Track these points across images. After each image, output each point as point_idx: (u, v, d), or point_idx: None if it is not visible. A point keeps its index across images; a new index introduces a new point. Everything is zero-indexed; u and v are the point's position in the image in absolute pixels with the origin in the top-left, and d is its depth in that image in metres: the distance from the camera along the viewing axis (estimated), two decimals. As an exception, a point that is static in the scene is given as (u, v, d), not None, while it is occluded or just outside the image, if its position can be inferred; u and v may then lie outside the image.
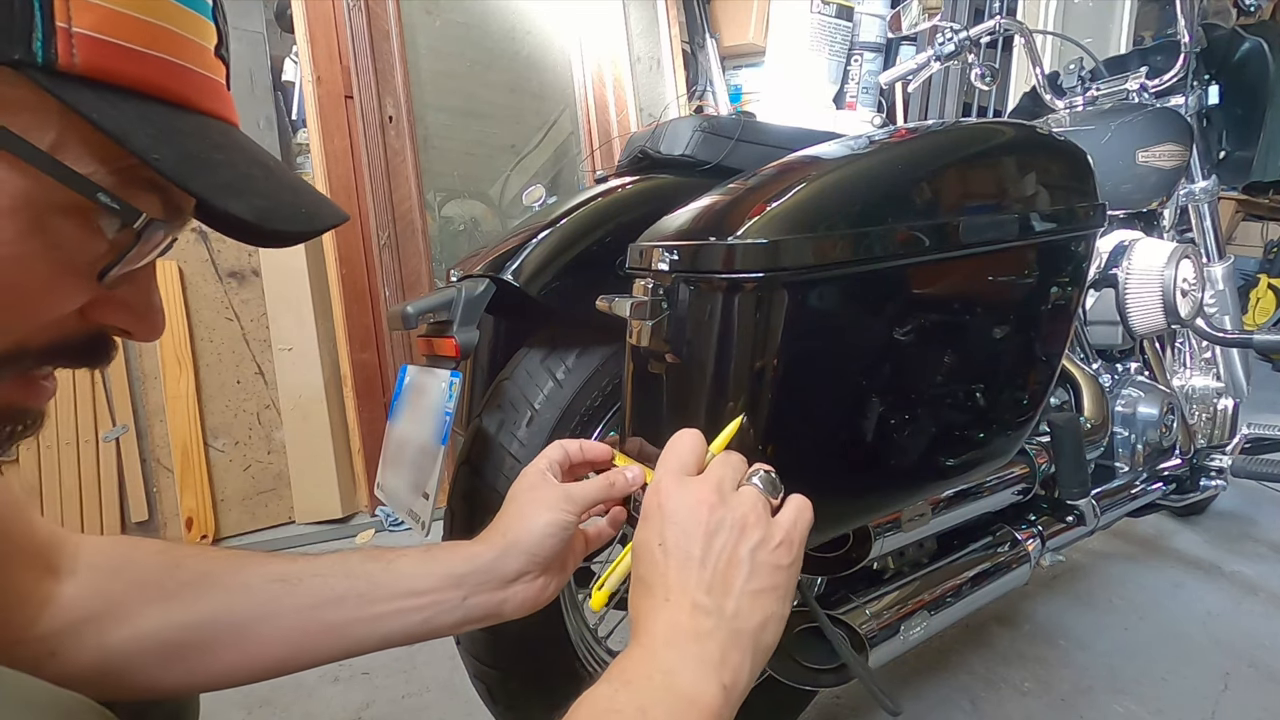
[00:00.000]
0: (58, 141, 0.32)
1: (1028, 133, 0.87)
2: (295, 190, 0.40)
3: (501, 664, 0.82)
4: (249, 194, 0.36)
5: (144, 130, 0.33)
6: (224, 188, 0.35)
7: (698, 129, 0.89)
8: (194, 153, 0.34)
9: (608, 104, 2.42)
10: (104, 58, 0.31)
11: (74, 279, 0.36)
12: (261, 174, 0.38)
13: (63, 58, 0.30)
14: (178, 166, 0.33)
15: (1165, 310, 1.23)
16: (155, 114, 0.34)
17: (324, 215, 0.41)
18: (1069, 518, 1.11)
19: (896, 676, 1.25)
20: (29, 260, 0.34)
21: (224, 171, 0.35)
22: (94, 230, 0.35)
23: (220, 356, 1.90)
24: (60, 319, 0.37)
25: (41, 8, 0.30)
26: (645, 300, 0.66)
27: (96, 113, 0.31)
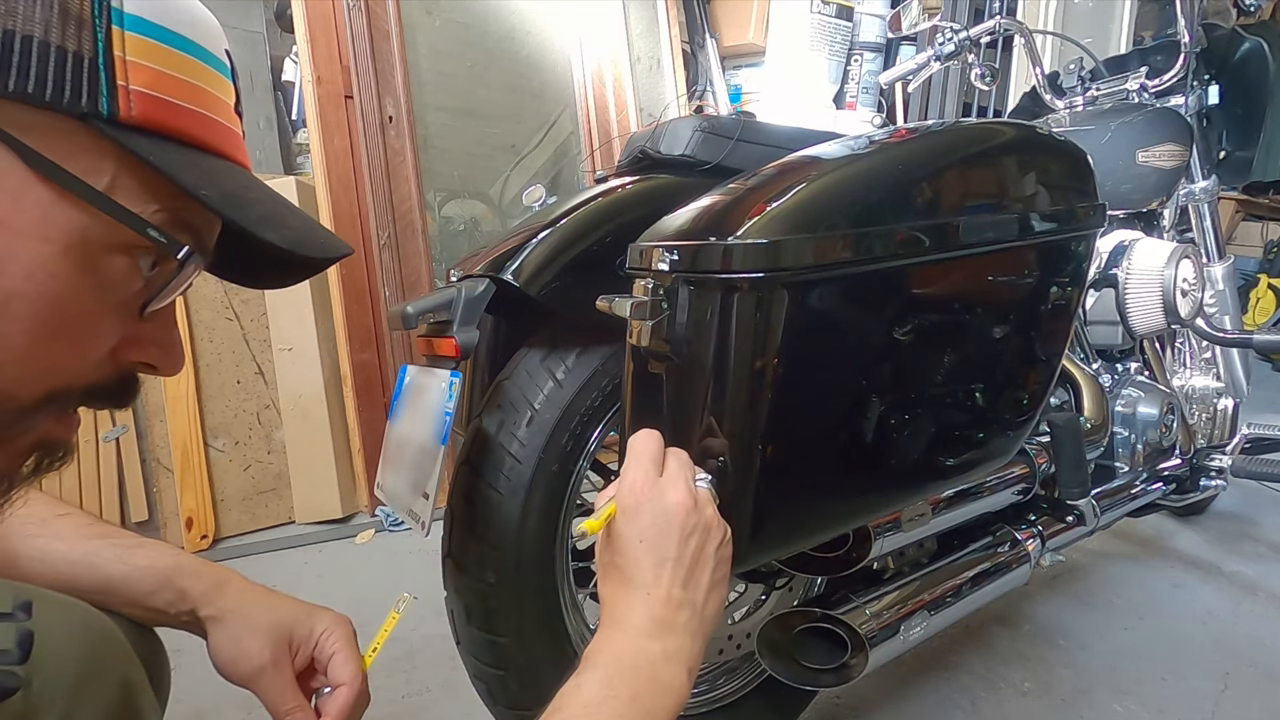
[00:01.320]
0: (112, 184, 0.36)
1: (1028, 133, 0.87)
2: (314, 226, 0.46)
3: (501, 664, 0.82)
4: (281, 226, 0.41)
5: (190, 171, 0.37)
6: (261, 220, 0.40)
7: (698, 129, 0.88)
8: (231, 191, 0.39)
9: (608, 104, 2.42)
10: (156, 111, 0.36)
11: (117, 314, 0.39)
12: (287, 212, 0.43)
13: (124, 111, 0.35)
14: (221, 201, 0.38)
15: (1165, 310, 1.23)
16: (197, 159, 0.39)
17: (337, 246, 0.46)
18: (1069, 518, 1.11)
19: (896, 676, 1.25)
20: (80, 296, 0.37)
21: (259, 207, 0.40)
22: (137, 267, 0.39)
23: (220, 356, 1.90)
24: (100, 360, 0.40)
25: (105, 69, 0.35)
26: (645, 300, 0.66)
27: (153, 156, 0.36)
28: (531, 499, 0.80)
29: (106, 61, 0.35)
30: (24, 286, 0.34)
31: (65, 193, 0.35)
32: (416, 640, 1.32)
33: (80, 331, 0.38)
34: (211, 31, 0.40)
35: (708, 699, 1.01)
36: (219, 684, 0.60)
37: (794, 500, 0.70)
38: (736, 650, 0.99)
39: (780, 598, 1.03)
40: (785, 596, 1.04)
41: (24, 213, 0.34)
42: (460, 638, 0.85)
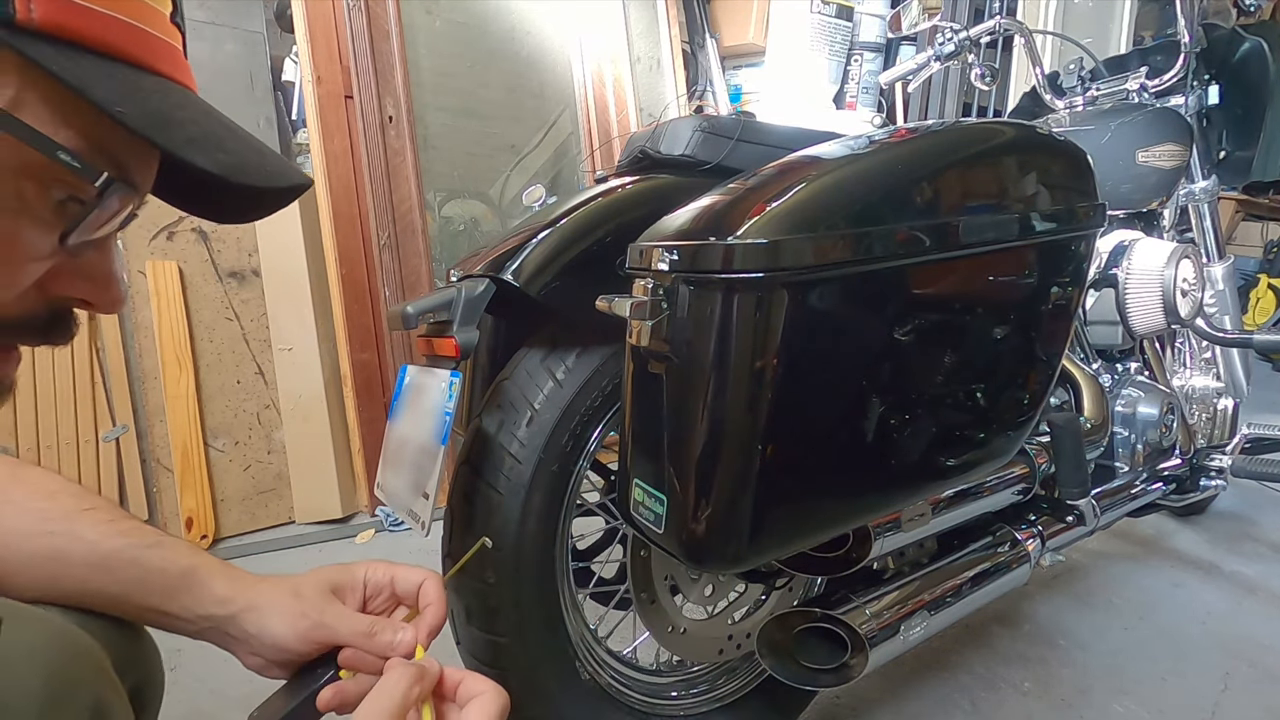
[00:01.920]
0: (16, 99, 0.32)
1: (1028, 133, 0.87)
2: (260, 151, 0.40)
3: (501, 664, 0.82)
4: (215, 149, 0.36)
5: (107, 85, 0.33)
6: (189, 142, 0.35)
7: (698, 129, 0.88)
8: (157, 109, 0.34)
9: (608, 104, 2.42)
10: (63, 15, 0.31)
11: (37, 241, 0.36)
12: (226, 134, 0.38)
13: (20, 13, 0.30)
14: (142, 120, 0.33)
15: (1165, 310, 1.23)
16: (118, 72, 0.34)
17: (290, 175, 0.41)
18: (1069, 518, 1.11)
19: (896, 676, 1.25)
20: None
21: (189, 128, 0.35)
22: (54, 191, 0.35)
23: (220, 356, 1.90)
24: (23, 293, 0.37)
25: None
26: (645, 300, 0.66)
27: (56, 66, 0.31)
28: (531, 499, 0.80)
29: None
30: None
31: None
32: (416, 640, 1.32)
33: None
34: None
35: (708, 699, 1.01)
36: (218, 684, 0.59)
37: (794, 500, 0.70)
38: (736, 650, 0.99)
39: (780, 598, 1.03)
40: (785, 596, 1.04)
41: None
42: (460, 638, 0.85)
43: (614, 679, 0.93)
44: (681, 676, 1.02)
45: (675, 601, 0.94)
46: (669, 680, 1.01)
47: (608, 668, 0.93)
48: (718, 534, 0.67)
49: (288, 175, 0.41)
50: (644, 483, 0.72)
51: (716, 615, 1.00)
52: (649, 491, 0.71)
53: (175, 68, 0.38)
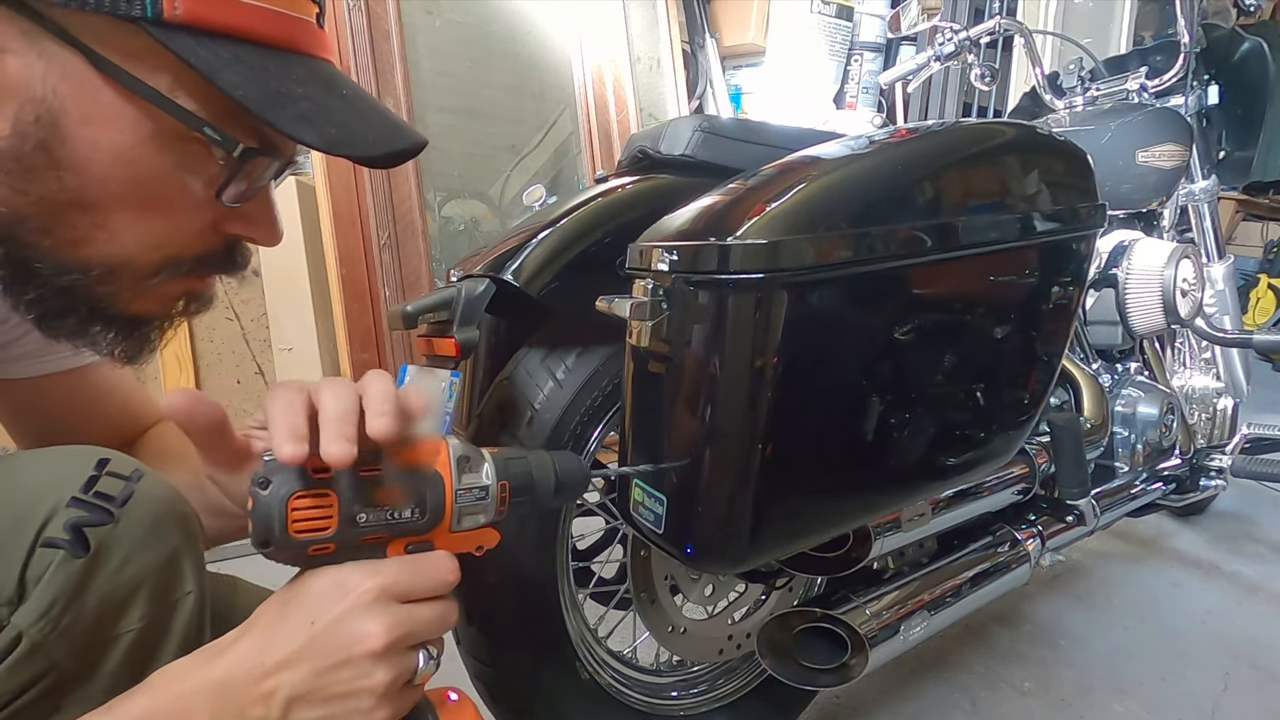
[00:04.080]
0: (174, 84, 0.41)
1: (1028, 133, 0.87)
2: (368, 118, 0.47)
3: (501, 664, 0.82)
4: (323, 123, 0.43)
5: (233, 70, 0.40)
6: (299, 119, 0.42)
7: (698, 129, 0.88)
8: (276, 88, 0.41)
9: (608, 104, 2.42)
10: (202, 6, 0.39)
11: (199, 195, 0.45)
12: (339, 105, 0.45)
13: (168, 11, 0.38)
14: (260, 101, 0.41)
15: (1165, 310, 1.23)
16: (246, 55, 0.41)
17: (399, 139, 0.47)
18: (1069, 518, 1.11)
19: (896, 676, 1.25)
20: (165, 179, 0.43)
21: (302, 104, 0.42)
22: (209, 157, 0.44)
23: (220, 356, 1.90)
24: (200, 232, 0.47)
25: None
26: (645, 300, 0.66)
27: (193, 56, 0.39)
28: (531, 499, 0.80)
29: None
30: (112, 170, 0.41)
31: (130, 94, 0.40)
32: (416, 640, 1.32)
33: (169, 207, 0.44)
34: None
35: (708, 699, 1.01)
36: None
37: (794, 500, 0.70)
38: (736, 650, 0.99)
39: (780, 598, 1.03)
40: (785, 596, 1.04)
41: (101, 109, 0.40)
42: (460, 638, 0.85)
43: (614, 679, 0.93)
44: (681, 676, 1.02)
45: (675, 601, 0.94)
46: (669, 680, 1.01)
47: (608, 668, 0.93)
48: (717, 534, 0.67)
49: (392, 142, 0.47)
50: (644, 483, 0.72)
51: (716, 615, 1.00)
52: (649, 491, 0.71)
53: (305, 40, 0.45)
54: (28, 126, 0.39)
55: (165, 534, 0.49)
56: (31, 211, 0.41)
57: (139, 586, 0.48)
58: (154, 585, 0.49)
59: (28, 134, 0.39)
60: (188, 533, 0.51)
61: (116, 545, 0.46)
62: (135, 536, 0.47)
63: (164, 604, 0.50)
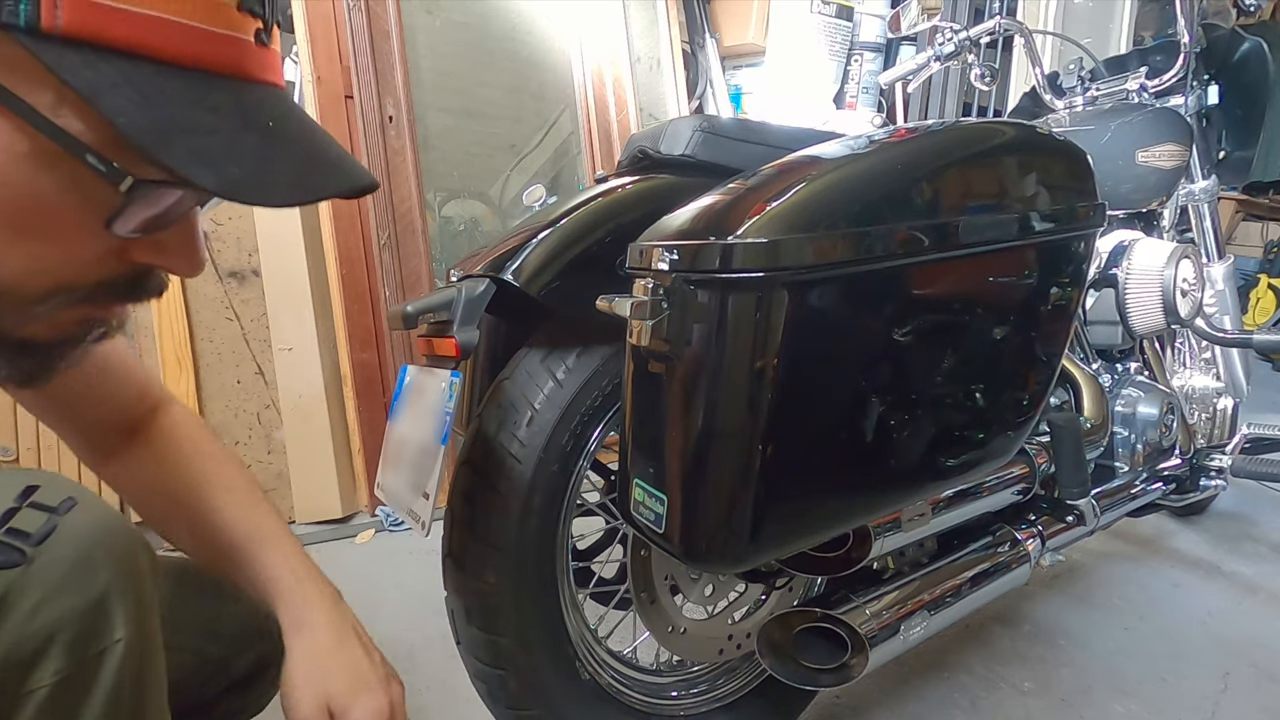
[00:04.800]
0: (57, 101, 0.34)
1: (1028, 133, 0.87)
2: (291, 155, 0.39)
3: (501, 664, 0.82)
4: (226, 163, 0.36)
5: (120, 93, 0.33)
6: (194, 156, 0.35)
7: (698, 129, 0.88)
8: (171, 117, 0.34)
9: (608, 104, 2.42)
10: (90, 17, 0.32)
11: (88, 224, 0.38)
12: (255, 139, 0.38)
13: (46, 19, 0.31)
14: (145, 131, 0.33)
15: (1165, 310, 1.23)
16: (144, 77, 0.34)
17: (321, 181, 0.40)
18: (1069, 518, 1.11)
19: (896, 676, 1.25)
20: (46, 203, 0.36)
21: (204, 138, 0.35)
22: (99, 183, 0.36)
23: (220, 356, 1.90)
24: (97, 259, 0.40)
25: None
26: (645, 300, 0.66)
27: (72, 73, 0.32)
28: (531, 499, 0.80)
29: None
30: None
31: (3, 108, 0.33)
32: (416, 640, 1.32)
33: (53, 233, 0.38)
34: None
35: (708, 699, 1.01)
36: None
37: (794, 500, 0.70)
38: (736, 650, 0.99)
39: (780, 598, 1.03)
40: (785, 596, 1.04)
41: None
42: (460, 638, 0.85)
43: (614, 679, 0.93)
44: (681, 676, 1.02)
45: (675, 601, 0.95)
46: (669, 680, 1.01)
47: (608, 668, 0.93)
48: (718, 534, 0.67)
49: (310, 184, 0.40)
50: (644, 483, 0.72)
51: (716, 615, 1.00)
52: (649, 491, 0.71)
53: (240, 61, 0.37)
54: None
55: (91, 574, 0.44)
56: None
57: (53, 636, 0.43)
58: (73, 634, 0.44)
59: None
60: (125, 570, 0.46)
61: (27, 590, 0.42)
62: (51, 579, 0.43)
63: (85, 655, 0.44)
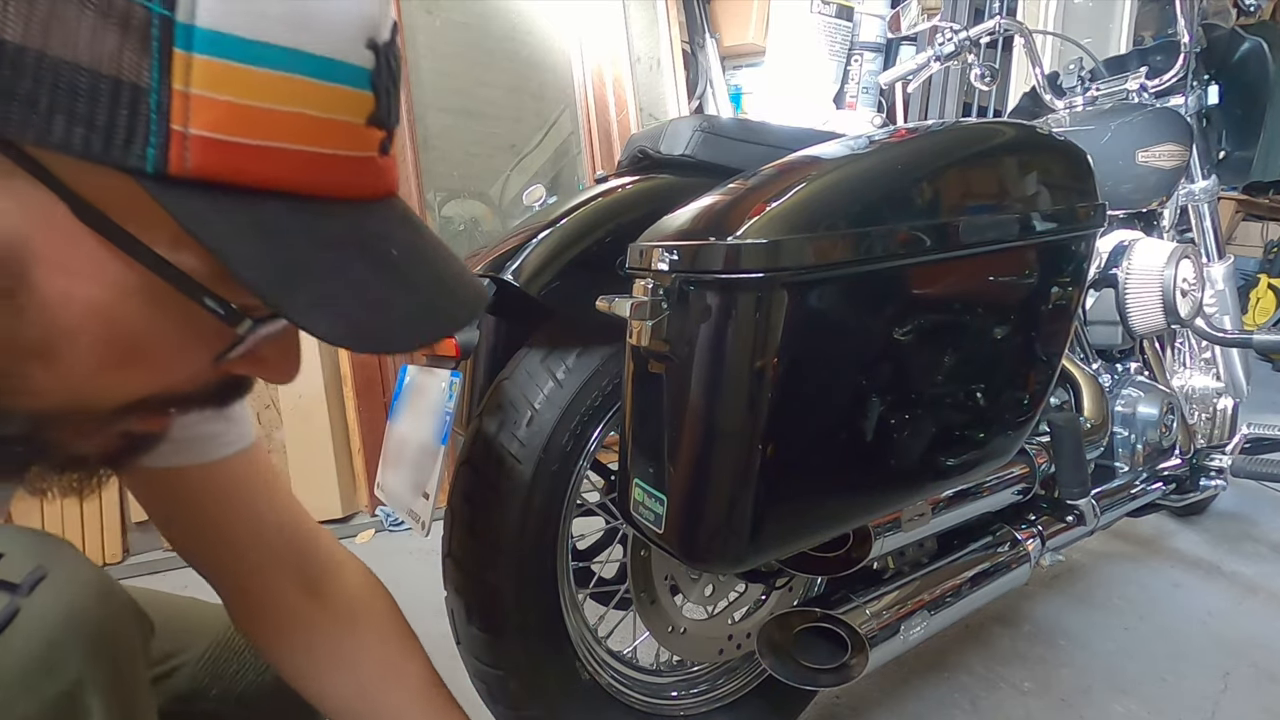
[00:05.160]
0: (175, 241, 0.32)
1: (1028, 133, 0.87)
2: (412, 288, 0.36)
3: (501, 664, 0.82)
4: (348, 309, 0.33)
5: (245, 240, 0.31)
6: (316, 304, 0.32)
7: (698, 129, 0.88)
8: (296, 261, 0.32)
9: (608, 104, 2.42)
10: (219, 159, 0.30)
11: (193, 355, 0.37)
12: (377, 276, 0.35)
13: (174, 164, 0.29)
14: (272, 283, 0.32)
15: (1165, 310, 1.23)
16: (266, 215, 0.32)
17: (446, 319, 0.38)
18: (1069, 518, 1.11)
19: (896, 676, 1.25)
20: (151, 338, 0.34)
21: (327, 282, 0.33)
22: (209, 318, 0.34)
23: (220, 356, 1.90)
24: (189, 377, 0.38)
25: (158, 110, 0.28)
26: (645, 300, 0.66)
27: (196, 223, 0.30)
28: (531, 499, 0.80)
29: (160, 101, 0.28)
30: (85, 324, 0.33)
31: (120, 251, 0.31)
32: (416, 640, 1.32)
33: (151, 363, 0.36)
34: (339, 25, 0.32)
35: (708, 699, 1.01)
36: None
37: (794, 500, 0.70)
38: (736, 650, 0.99)
39: (780, 598, 1.03)
40: (785, 596, 1.04)
41: (79, 258, 0.32)
42: (460, 638, 0.85)
43: (614, 679, 0.93)
44: (681, 676, 1.02)
45: (675, 601, 0.95)
46: (669, 680, 1.01)
47: (608, 668, 0.93)
48: (718, 534, 0.67)
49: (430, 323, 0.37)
50: (644, 483, 0.72)
51: (716, 615, 1.00)
52: (649, 491, 0.71)
53: (362, 182, 0.36)
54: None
55: (61, 664, 0.40)
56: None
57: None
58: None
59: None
60: (102, 654, 0.42)
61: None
62: (11, 675, 0.39)
63: None
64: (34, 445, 0.37)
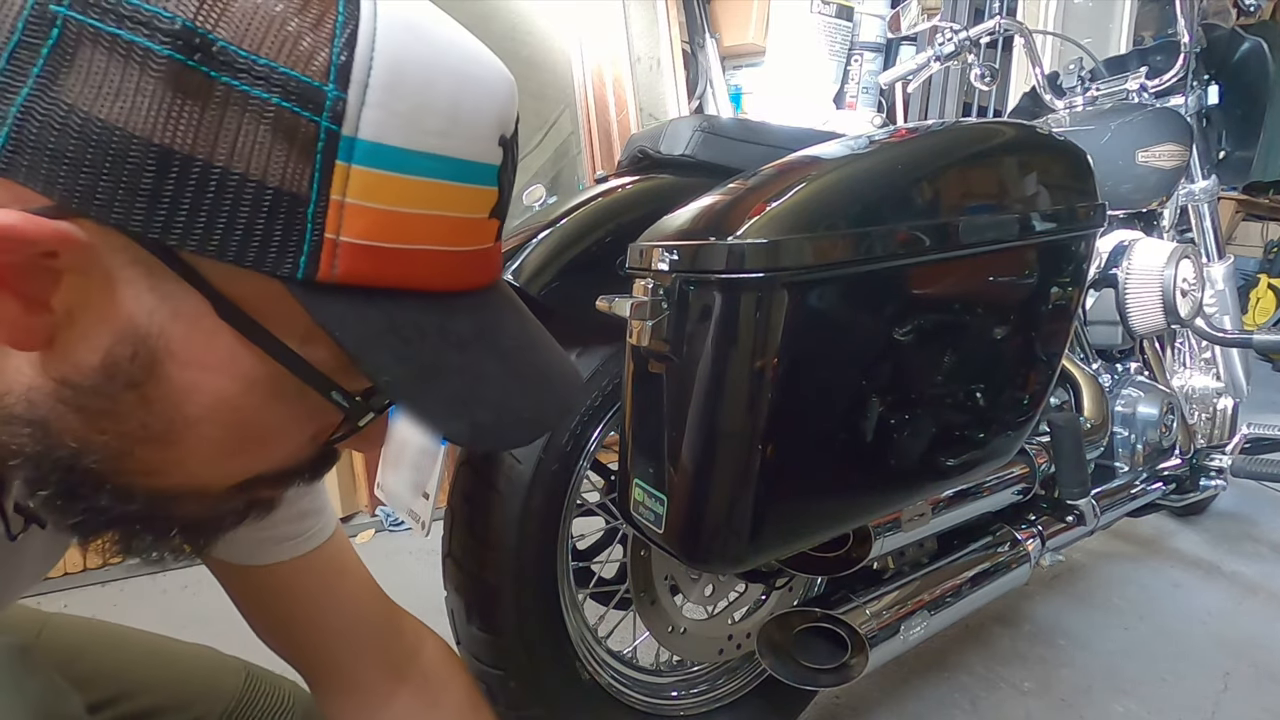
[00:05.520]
0: (308, 333, 0.32)
1: (1028, 133, 0.87)
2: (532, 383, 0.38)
3: (501, 664, 0.82)
4: (473, 409, 0.34)
5: (384, 343, 0.32)
6: (448, 405, 0.33)
7: (698, 129, 0.88)
8: (429, 363, 0.33)
9: (608, 104, 2.42)
10: (366, 264, 0.31)
11: (309, 438, 0.38)
12: (498, 372, 0.36)
13: (323, 271, 0.30)
14: (407, 385, 0.32)
15: (1165, 310, 1.23)
16: (403, 316, 0.33)
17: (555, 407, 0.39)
18: (1069, 518, 1.11)
19: (896, 676, 1.25)
20: (271, 426, 0.36)
21: (454, 381, 0.34)
22: (329, 408, 0.35)
23: (220, 356, 1.90)
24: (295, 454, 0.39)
25: (314, 221, 0.29)
26: (645, 300, 0.66)
27: (339, 329, 0.31)
28: (532, 499, 0.80)
29: (317, 211, 0.29)
30: (210, 415, 0.33)
31: (253, 345, 0.32)
32: (416, 640, 1.32)
33: (267, 448, 0.37)
34: (481, 125, 0.33)
35: (708, 699, 1.01)
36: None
37: (794, 500, 0.70)
38: (736, 650, 0.99)
39: (780, 598, 1.03)
40: (785, 596, 1.04)
41: (213, 354, 0.32)
42: (460, 638, 0.85)
43: (614, 679, 0.93)
44: (681, 676, 1.02)
45: (675, 601, 0.95)
46: (669, 680, 1.01)
47: (608, 668, 0.93)
48: (718, 534, 0.67)
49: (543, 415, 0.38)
50: (644, 483, 0.72)
51: (716, 615, 1.00)
52: (649, 491, 0.71)
53: (479, 273, 0.36)
54: (121, 363, 0.32)
55: None
56: (102, 445, 0.34)
57: None
58: None
59: (119, 371, 0.32)
60: None
61: None
62: None
63: None
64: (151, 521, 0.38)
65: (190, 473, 0.36)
